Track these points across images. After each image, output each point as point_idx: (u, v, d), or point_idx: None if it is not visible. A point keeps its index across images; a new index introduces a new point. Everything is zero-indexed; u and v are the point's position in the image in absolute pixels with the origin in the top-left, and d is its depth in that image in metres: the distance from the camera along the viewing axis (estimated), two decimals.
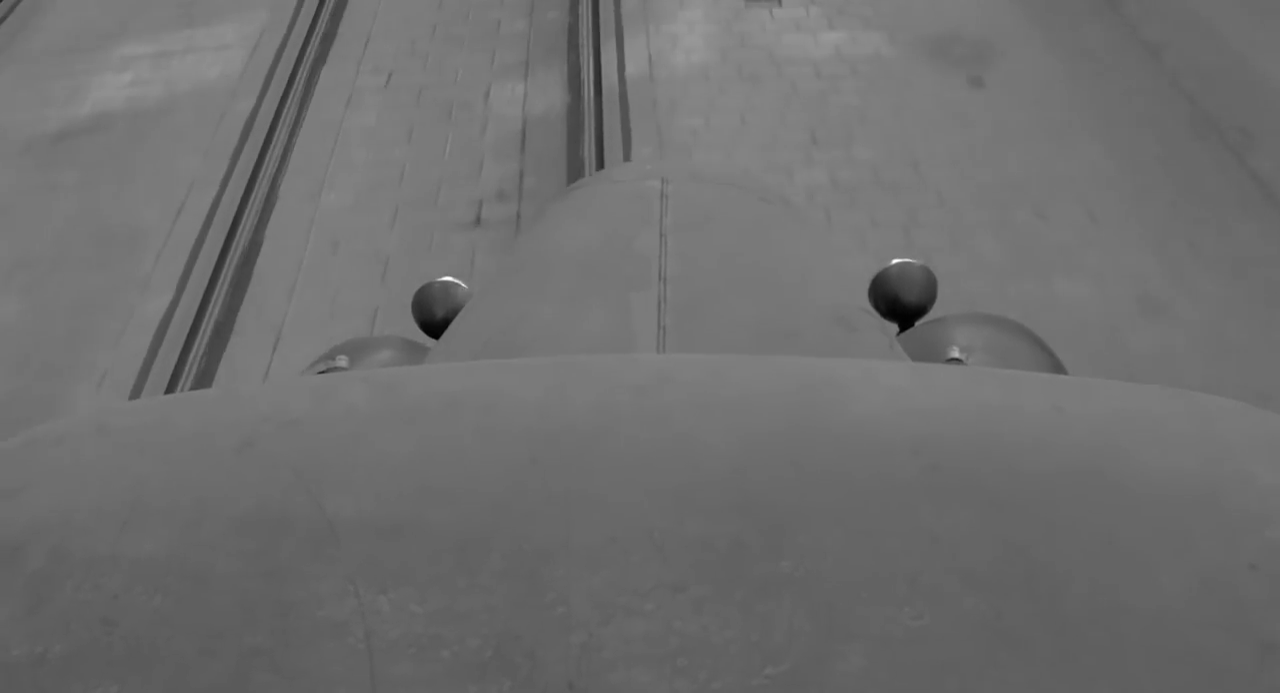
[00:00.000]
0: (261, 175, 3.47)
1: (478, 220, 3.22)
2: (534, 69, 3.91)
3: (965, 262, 2.86)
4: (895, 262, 1.34)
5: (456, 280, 1.35)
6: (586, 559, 0.44)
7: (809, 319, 0.97)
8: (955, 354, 1.13)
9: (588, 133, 3.47)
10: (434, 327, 1.33)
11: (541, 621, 0.42)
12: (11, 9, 4.57)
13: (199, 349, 2.83)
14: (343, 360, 1.21)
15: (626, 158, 3.33)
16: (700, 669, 0.40)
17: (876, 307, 1.33)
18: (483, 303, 1.09)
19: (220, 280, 3.05)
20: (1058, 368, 1.21)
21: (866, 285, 1.34)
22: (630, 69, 3.80)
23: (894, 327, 1.34)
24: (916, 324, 1.33)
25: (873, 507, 0.47)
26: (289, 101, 3.81)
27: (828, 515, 0.46)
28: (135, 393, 2.69)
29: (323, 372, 1.15)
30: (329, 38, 4.22)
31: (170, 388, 2.70)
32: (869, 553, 0.44)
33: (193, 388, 2.73)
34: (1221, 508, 0.47)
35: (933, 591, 0.43)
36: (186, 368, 2.77)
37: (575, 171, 3.34)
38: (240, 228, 3.26)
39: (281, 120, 3.71)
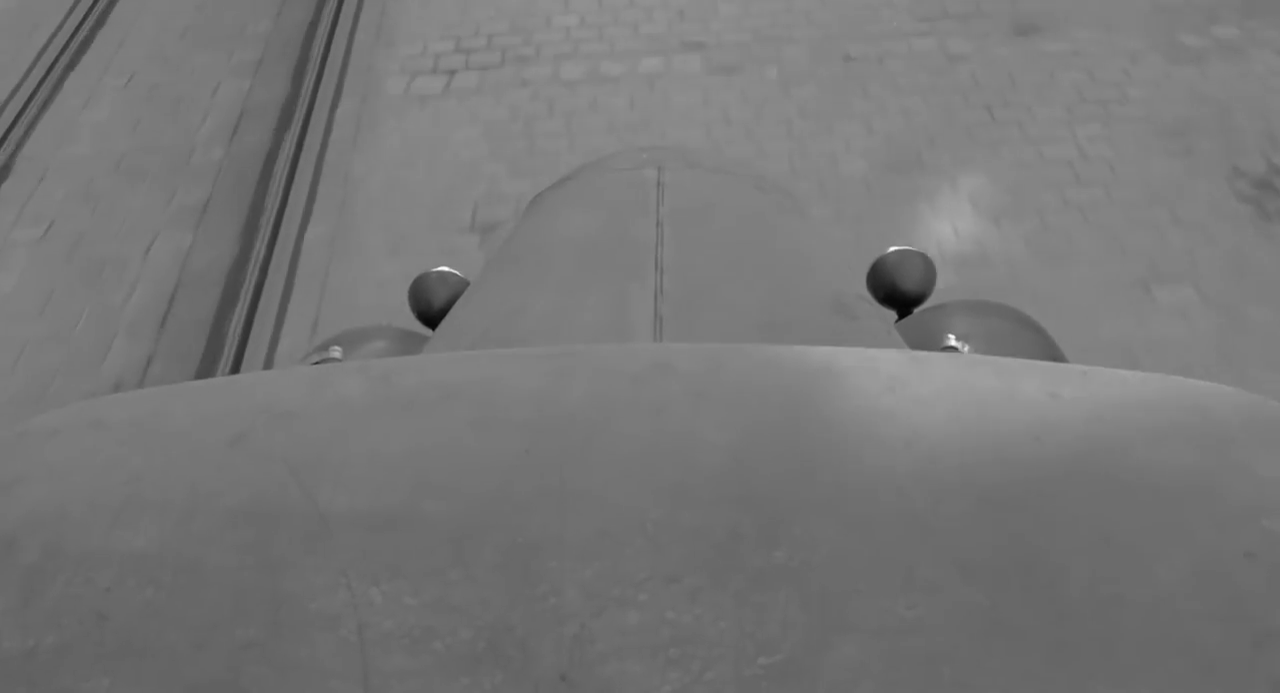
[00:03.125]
0: None
1: None
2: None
3: None
4: (893, 249, 1.32)
5: (453, 270, 1.34)
6: (580, 551, 0.44)
7: (807, 307, 0.96)
8: (953, 342, 1.10)
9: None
10: (431, 317, 1.33)
11: (534, 612, 0.42)
12: None
13: None
14: (337, 351, 1.18)
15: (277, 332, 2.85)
16: (694, 660, 0.40)
17: (875, 294, 1.32)
18: (479, 293, 1.07)
19: None
20: (1055, 355, 1.19)
21: (864, 273, 1.33)
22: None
23: (892, 314, 1.32)
24: (914, 311, 1.30)
25: (868, 497, 0.46)
26: None
27: (823, 506, 0.46)
28: None
29: (317, 362, 1.10)
30: None
31: None
32: (864, 544, 0.44)
33: None
34: (1218, 498, 0.47)
35: (927, 581, 0.42)
36: None
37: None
38: None
39: None
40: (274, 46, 4.02)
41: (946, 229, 2.91)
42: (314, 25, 4.07)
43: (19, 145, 3.76)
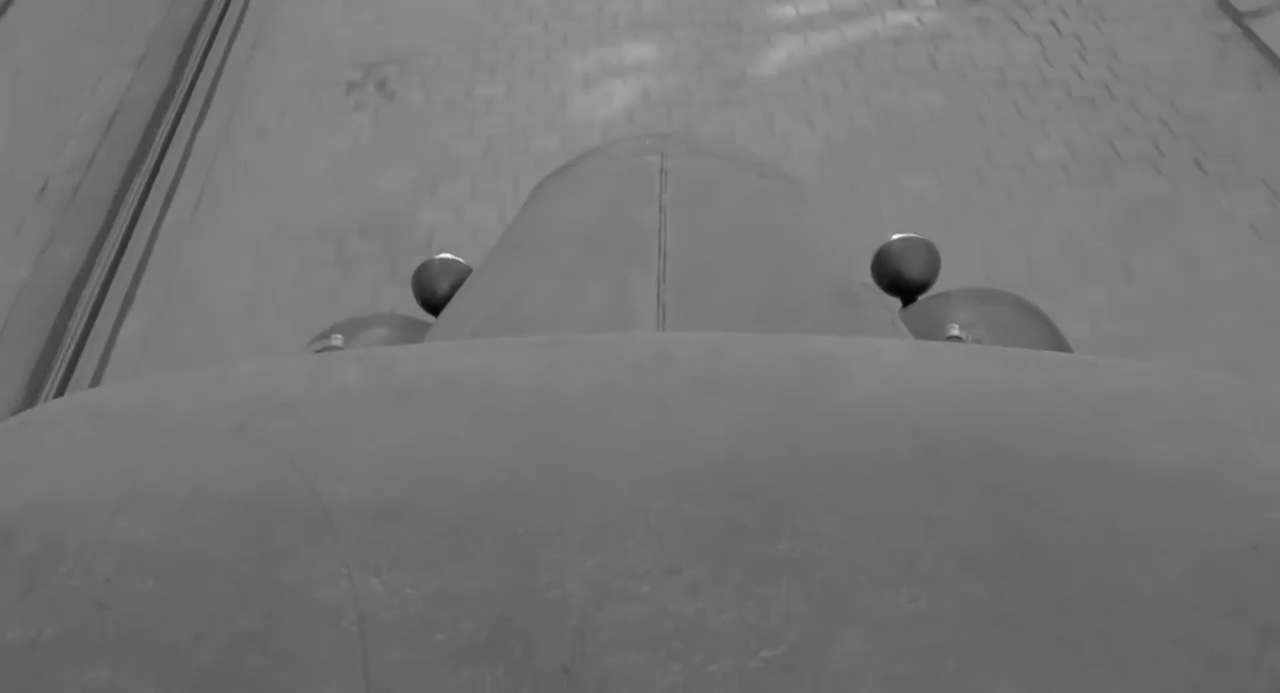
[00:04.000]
0: None
1: None
2: None
3: None
4: (897, 236, 1.31)
5: (456, 257, 1.35)
6: (581, 542, 0.44)
7: (811, 295, 0.95)
8: (956, 331, 1.10)
9: None
10: (434, 303, 1.33)
11: (536, 604, 0.41)
12: None
13: None
14: (338, 339, 1.19)
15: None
16: (696, 652, 0.40)
17: (879, 282, 1.31)
18: (481, 280, 1.07)
19: None
20: (1060, 344, 1.19)
21: (869, 261, 1.32)
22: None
23: (896, 302, 1.31)
24: (919, 299, 1.29)
25: (871, 489, 0.46)
26: None
27: (825, 498, 0.46)
28: None
29: (319, 351, 1.11)
30: None
31: None
32: (866, 536, 0.44)
33: None
34: (1222, 490, 0.46)
35: (930, 574, 0.42)
36: None
37: None
38: None
39: None
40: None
41: None
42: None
43: None
